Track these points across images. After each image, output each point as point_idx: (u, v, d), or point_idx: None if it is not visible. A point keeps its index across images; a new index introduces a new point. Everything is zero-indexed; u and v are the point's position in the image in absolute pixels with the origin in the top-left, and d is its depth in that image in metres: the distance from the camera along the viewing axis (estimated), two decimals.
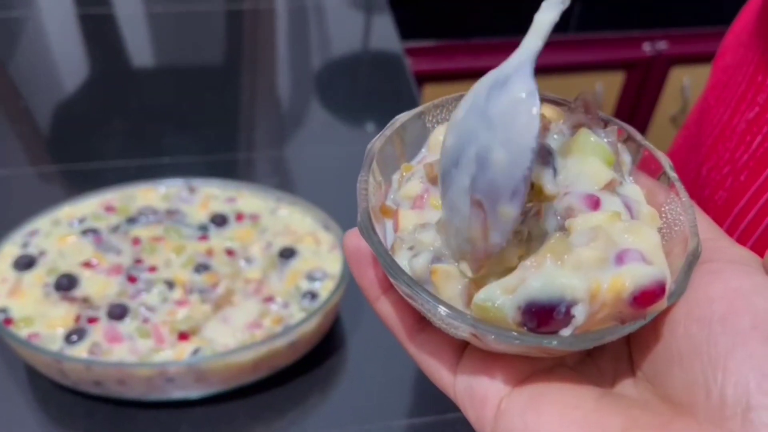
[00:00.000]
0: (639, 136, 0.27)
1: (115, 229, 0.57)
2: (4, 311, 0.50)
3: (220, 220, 0.58)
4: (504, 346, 0.23)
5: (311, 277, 0.54)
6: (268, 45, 0.96)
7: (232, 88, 0.86)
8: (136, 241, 0.56)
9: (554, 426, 0.21)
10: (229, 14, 0.99)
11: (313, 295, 0.53)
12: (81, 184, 0.68)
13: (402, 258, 0.25)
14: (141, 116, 0.80)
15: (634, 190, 0.26)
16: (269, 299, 0.53)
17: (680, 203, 0.25)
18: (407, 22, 1.03)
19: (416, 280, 0.24)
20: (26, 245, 0.55)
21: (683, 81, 1.38)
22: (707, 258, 0.23)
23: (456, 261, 0.24)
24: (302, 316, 0.51)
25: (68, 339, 0.49)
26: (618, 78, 1.37)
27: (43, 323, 0.50)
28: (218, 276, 0.54)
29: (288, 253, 0.56)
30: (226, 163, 0.74)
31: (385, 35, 0.94)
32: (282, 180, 0.74)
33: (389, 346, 0.27)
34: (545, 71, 1.27)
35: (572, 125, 0.26)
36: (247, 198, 0.61)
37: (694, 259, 0.23)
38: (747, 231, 0.39)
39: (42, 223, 0.56)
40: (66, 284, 0.52)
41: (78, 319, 0.50)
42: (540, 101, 0.22)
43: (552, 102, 0.28)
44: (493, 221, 0.22)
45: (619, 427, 0.20)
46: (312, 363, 0.55)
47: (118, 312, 0.50)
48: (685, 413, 0.20)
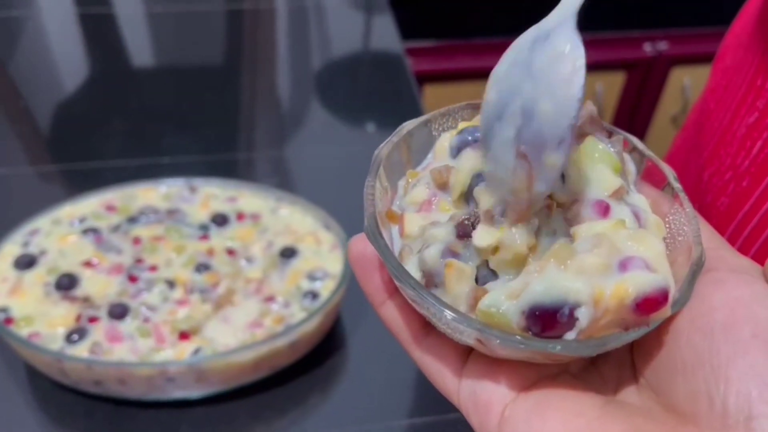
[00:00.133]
0: (643, 147, 0.28)
1: (116, 229, 0.57)
2: (5, 310, 0.50)
3: (221, 220, 0.58)
4: (509, 351, 0.23)
5: (312, 277, 0.54)
6: (269, 45, 0.96)
7: (233, 88, 0.86)
8: (137, 241, 0.56)
9: None
10: (230, 14, 0.99)
11: (314, 295, 0.53)
12: (81, 184, 0.68)
13: (410, 264, 0.25)
14: (141, 116, 0.80)
15: (640, 200, 0.26)
16: (270, 299, 0.53)
17: (684, 214, 0.25)
18: (408, 22, 1.03)
19: (426, 272, 0.24)
20: (27, 244, 0.55)
21: (684, 81, 1.38)
22: (710, 267, 0.23)
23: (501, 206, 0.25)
24: (303, 316, 0.51)
25: (69, 338, 0.49)
26: (618, 78, 1.37)
27: (44, 323, 0.49)
28: (219, 275, 0.54)
29: (289, 253, 0.56)
30: (227, 163, 0.74)
31: (386, 35, 0.94)
32: (282, 180, 0.74)
33: (390, 347, 0.27)
34: None
35: (577, 135, 0.27)
36: (248, 198, 0.61)
37: (698, 269, 0.23)
38: (750, 237, 0.39)
39: (42, 223, 0.56)
40: (67, 284, 0.52)
41: (78, 319, 0.50)
42: (584, 53, 0.22)
43: None
44: (539, 171, 0.23)
45: None
46: (312, 363, 0.55)
47: (119, 311, 0.50)
48: (688, 422, 0.21)
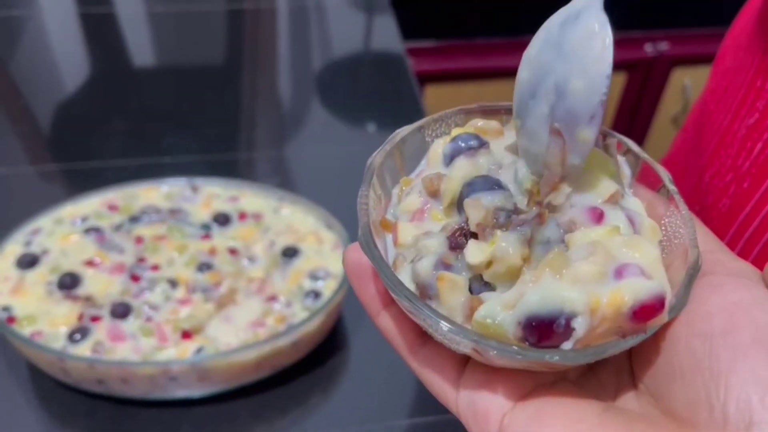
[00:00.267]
0: (638, 149, 0.28)
1: (118, 228, 0.57)
2: (7, 310, 0.50)
3: (223, 219, 0.58)
4: (506, 361, 0.23)
5: (314, 276, 0.54)
6: (270, 45, 0.96)
7: (234, 88, 0.86)
8: (139, 240, 0.56)
9: None
10: (230, 14, 0.99)
11: (316, 295, 0.53)
12: (82, 183, 0.68)
13: (404, 273, 0.25)
14: (142, 115, 0.80)
15: (636, 203, 0.26)
16: (272, 298, 0.53)
17: (680, 216, 0.25)
18: (409, 22, 1.03)
19: (419, 285, 0.24)
20: (29, 244, 0.55)
21: (685, 82, 1.38)
22: (707, 271, 0.23)
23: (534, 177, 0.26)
24: (305, 316, 0.51)
25: (71, 337, 0.49)
26: (619, 79, 1.37)
27: (46, 322, 0.49)
28: (221, 275, 0.54)
29: (291, 252, 0.56)
30: (227, 163, 0.74)
31: (387, 35, 0.94)
32: (283, 180, 0.74)
33: (391, 347, 0.27)
34: None
35: None
36: (250, 197, 0.61)
37: (695, 273, 0.23)
38: (752, 239, 0.39)
39: (44, 222, 0.56)
40: (69, 283, 0.52)
41: (81, 318, 0.50)
42: (612, 32, 0.23)
43: None
44: (572, 145, 0.24)
45: None
46: (314, 362, 0.55)
47: (121, 311, 0.50)
48: (689, 428, 0.20)
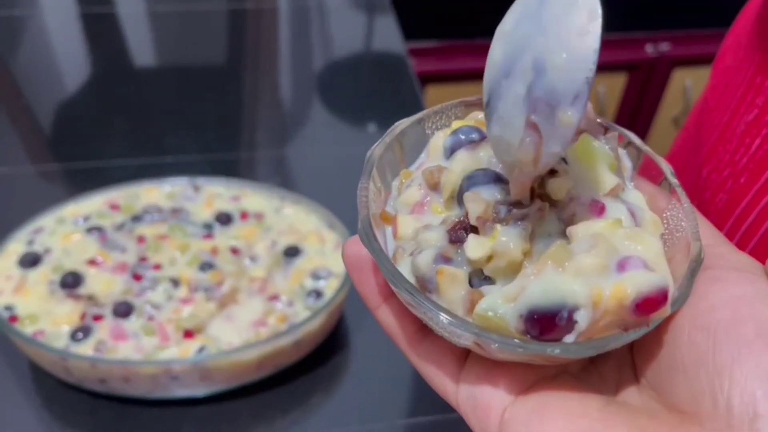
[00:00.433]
0: (639, 142, 0.27)
1: (120, 227, 0.57)
2: (10, 308, 0.50)
3: (225, 219, 0.58)
4: (507, 355, 0.22)
5: (316, 276, 0.54)
6: (271, 44, 0.96)
7: (235, 88, 0.86)
8: (141, 239, 0.56)
9: None
10: (232, 14, 0.99)
11: (318, 294, 0.53)
12: (83, 183, 0.68)
13: (403, 266, 0.24)
14: (143, 115, 0.80)
15: (637, 197, 0.26)
16: (274, 298, 0.53)
17: (682, 209, 0.25)
18: (410, 23, 1.03)
19: (419, 278, 0.24)
20: (31, 243, 0.55)
21: (686, 82, 1.38)
22: (710, 264, 0.23)
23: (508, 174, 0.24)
24: (307, 315, 0.51)
25: (73, 336, 0.49)
26: (620, 79, 1.37)
27: (49, 321, 0.50)
28: (223, 274, 0.54)
29: (293, 252, 0.56)
30: (229, 163, 0.74)
31: (389, 35, 0.94)
32: (284, 179, 0.74)
33: (393, 346, 0.27)
34: None
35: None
36: (252, 197, 0.61)
37: (697, 266, 0.23)
38: (748, 233, 0.39)
39: (47, 221, 0.56)
40: (71, 282, 0.52)
41: (83, 317, 0.50)
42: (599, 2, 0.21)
43: None
44: (552, 130, 0.22)
45: None
46: (316, 362, 0.55)
47: (124, 310, 0.50)
48: (692, 422, 0.20)
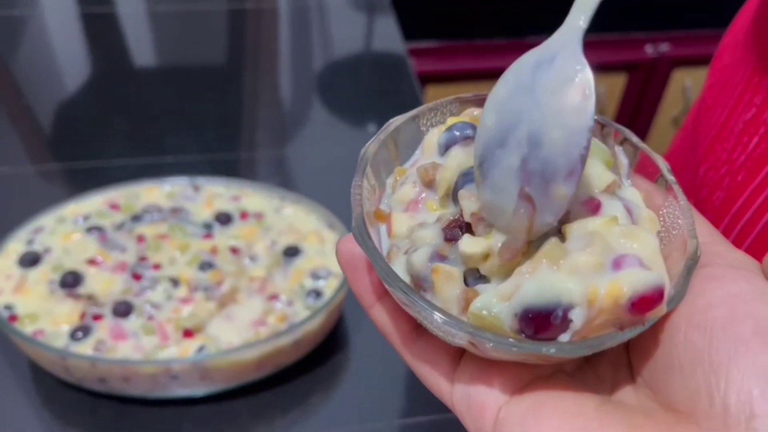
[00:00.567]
0: (635, 139, 0.27)
1: (120, 227, 0.57)
2: (10, 308, 0.50)
3: (225, 219, 0.58)
4: (502, 354, 0.22)
5: (315, 276, 0.55)
6: (271, 44, 0.96)
7: (235, 88, 0.86)
8: (141, 239, 0.56)
9: None
10: (232, 13, 0.99)
11: (318, 294, 0.53)
12: (83, 182, 0.68)
13: (398, 265, 0.24)
14: (143, 115, 0.80)
15: (633, 194, 0.26)
16: (274, 297, 0.53)
17: (678, 206, 0.25)
18: (410, 23, 1.03)
19: (414, 276, 0.24)
20: (31, 242, 0.55)
21: (685, 83, 1.38)
22: (706, 262, 0.23)
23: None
24: (306, 315, 0.52)
25: (73, 336, 0.49)
26: (620, 80, 1.37)
27: (48, 320, 0.50)
28: (223, 274, 0.54)
29: (292, 252, 0.56)
30: (229, 163, 0.74)
31: (389, 36, 0.94)
32: (284, 179, 0.74)
33: (386, 340, 0.27)
34: None
35: None
36: (252, 197, 0.61)
37: (694, 264, 0.23)
38: (744, 231, 0.39)
39: (47, 221, 0.56)
40: (71, 281, 0.52)
41: (83, 316, 0.50)
42: (593, 78, 0.21)
43: None
44: (545, 203, 0.22)
45: None
46: (315, 361, 0.55)
47: (123, 309, 0.50)
48: (688, 421, 0.20)
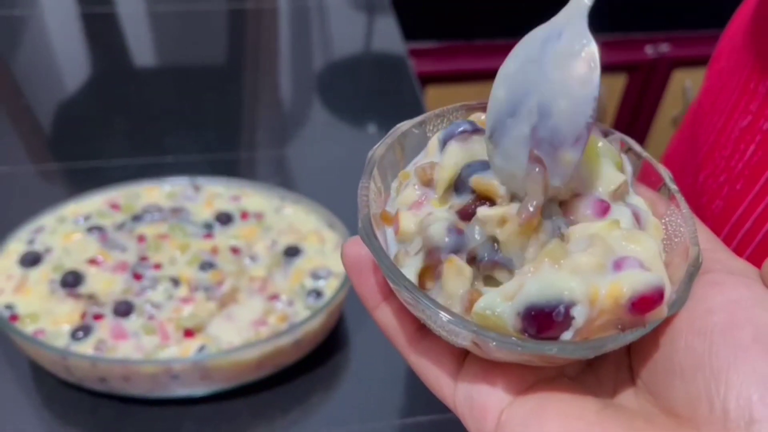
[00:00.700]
0: (639, 148, 0.28)
1: (121, 227, 0.57)
2: (10, 307, 0.50)
3: (225, 219, 0.58)
4: (505, 354, 0.22)
5: (316, 276, 0.55)
6: (271, 45, 0.96)
7: (235, 88, 0.86)
8: (141, 239, 0.56)
9: None
10: (232, 14, 0.99)
11: (318, 294, 0.53)
12: (83, 182, 0.68)
13: (404, 267, 0.24)
14: (143, 115, 0.80)
15: (640, 201, 0.26)
16: (274, 297, 0.53)
17: (681, 215, 0.25)
18: (410, 23, 1.03)
19: (430, 249, 0.24)
20: (32, 242, 0.55)
21: (685, 83, 1.39)
22: (707, 269, 0.23)
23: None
24: (307, 314, 0.52)
25: (74, 336, 0.49)
26: (620, 80, 1.38)
27: (49, 320, 0.50)
28: (223, 274, 0.54)
29: (293, 252, 0.56)
30: (229, 163, 0.74)
31: (389, 36, 0.94)
32: (284, 179, 0.74)
33: (389, 341, 0.27)
34: None
35: None
36: (252, 197, 0.61)
37: (695, 270, 0.23)
38: (744, 240, 0.39)
39: (47, 221, 0.56)
40: (72, 281, 0.52)
41: (83, 316, 0.50)
42: (598, 51, 0.22)
43: None
44: (553, 167, 0.23)
45: None
46: (316, 361, 0.55)
47: (124, 309, 0.50)
48: (688, 426, 0.20)
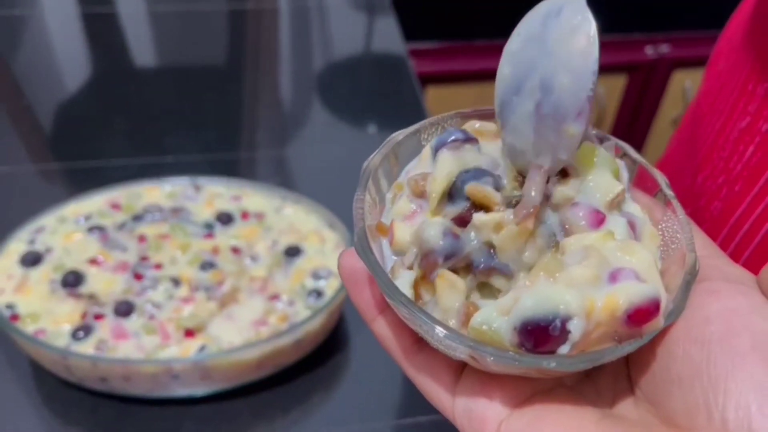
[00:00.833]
0: (634, 153, 0.28)
1: (121, 227, 0.57)
2: (11, 307, 0.50)
3: (226, 219, 0.58)
4: (502, 368, 0.22)
5: (316, 276, 0.55)
6: (271, 45, 0.96)
7: (235, 88, 0.86)
8: (142, 239, 0.56)
9: None
10: (232, 14, 0.99)
11: (318, 294, 0.53)
12: (85, 182, 0.68)
13: (400, 280, 0.24)
14: (143, 115, 0.81)
15: (636, 209, 0.26)
16: (274, 297, 0.53)
17: (677, 221, 0.25)
18: (410, 24, 1.03)
19: (425, 252, 0.24)
20: (32, 242, 0.55)
21: (685, 84, 1.39)
22: (704, 276, 0.23)
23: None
24: (307, 314, 0.52)
25: (74, 335, 0.49)
26: (620, 81, 1.38)
27: (50, 320, 0.50)
28: (224, 274, 0.54)
29: (293, 252, 0.56)
30: (230, 163, 0.74)
31: (389, 36, 0.94)
32: (285, 179, 0.74)
33: (387, 353, 0.27)
34: None
35: None
36: (252, 197, 0.61)
37: (692, 278, 0.23)
38: (742, 242, 0.39)
39: (48, 220, 0.56)
40: (72, 281, 0.52)
41: (84, 316, 0.50)
42: (596, 25, 0.23)
43: None
44: (559, 141, 0.24)
45: None
46: (316, 361, 0.55)
47: (124, 309, 0.50)
48: None
